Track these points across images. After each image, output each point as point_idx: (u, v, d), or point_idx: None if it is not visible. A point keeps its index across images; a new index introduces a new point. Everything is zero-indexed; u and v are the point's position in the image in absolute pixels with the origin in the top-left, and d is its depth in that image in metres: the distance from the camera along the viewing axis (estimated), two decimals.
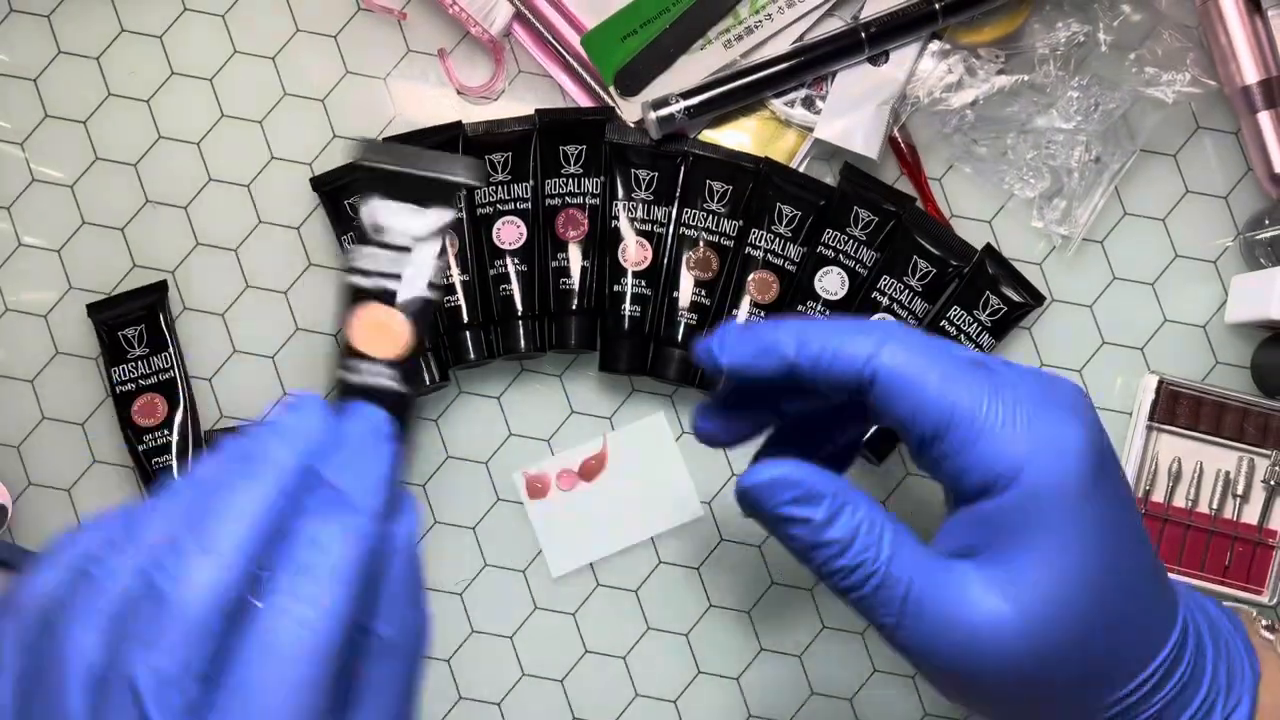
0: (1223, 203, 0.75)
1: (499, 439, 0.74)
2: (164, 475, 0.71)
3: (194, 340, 0.74)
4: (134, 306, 0.73)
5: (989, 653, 0.43)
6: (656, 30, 0.73)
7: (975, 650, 0.43)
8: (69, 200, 0.75)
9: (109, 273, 0.75)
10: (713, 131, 0.75)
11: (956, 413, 0.44)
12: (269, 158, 0.75)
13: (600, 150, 0.73)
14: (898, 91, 0.73)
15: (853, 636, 0.73)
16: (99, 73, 0.76)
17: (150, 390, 0.72)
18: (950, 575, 0.44)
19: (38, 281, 0.75)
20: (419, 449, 0.74)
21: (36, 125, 0.76)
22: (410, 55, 0.76)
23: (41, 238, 0.75)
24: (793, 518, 0.45)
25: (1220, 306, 0.74)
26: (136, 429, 0.72)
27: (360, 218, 0.44)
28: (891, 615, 0.44)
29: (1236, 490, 0.72)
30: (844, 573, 0.45)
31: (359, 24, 0.76)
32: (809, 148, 0.74)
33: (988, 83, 0.73)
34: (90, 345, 0.74)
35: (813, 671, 0.73)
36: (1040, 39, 0.73)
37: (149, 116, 0.76)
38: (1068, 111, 0.73)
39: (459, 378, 0.75)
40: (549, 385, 0.75)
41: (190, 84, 0.76)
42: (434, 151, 0.45)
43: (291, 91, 0.76)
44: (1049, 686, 0.43)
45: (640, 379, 0.74)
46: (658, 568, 0.74)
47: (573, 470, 0.74)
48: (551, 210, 0.73)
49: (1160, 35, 0.73)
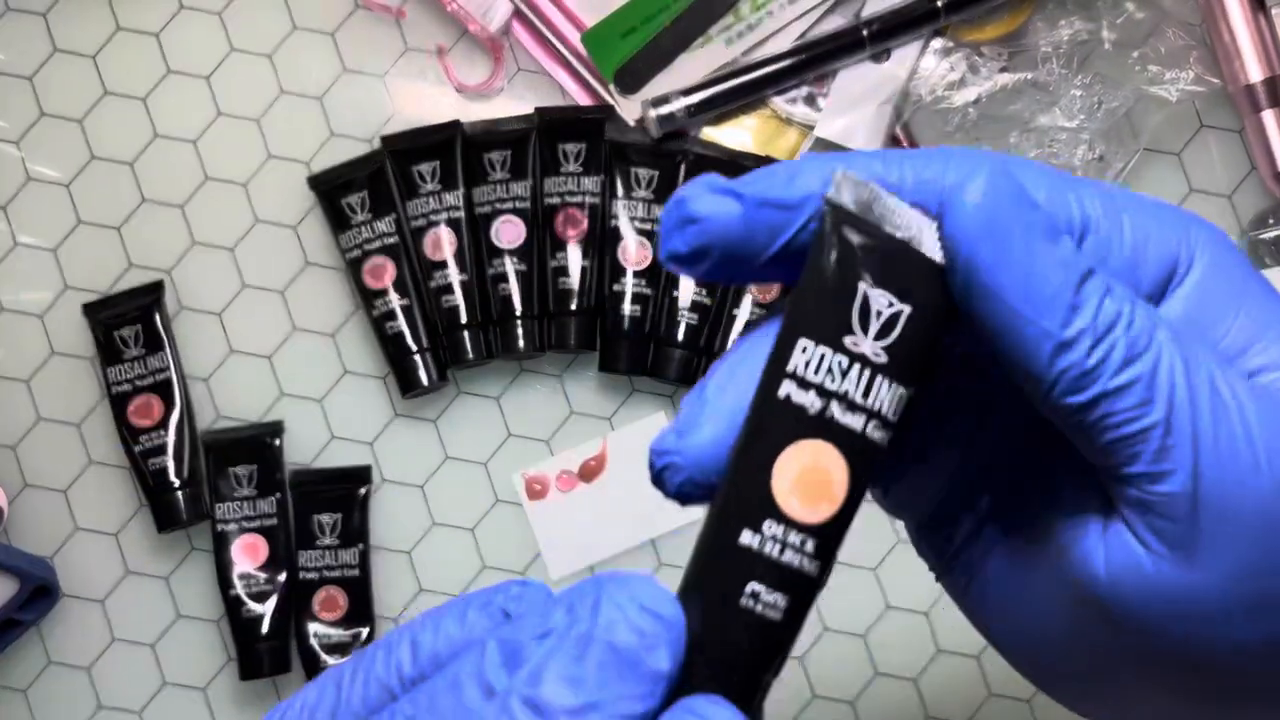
0: (1226, 202, 0.74)
1: (498, 440, 0.74)
2: (159, 476, 0.71)
3: (190, 340, 0.74)
4: (130, 306, 0.72)
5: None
6: (657, 27, 0.73)
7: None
8: (65, 199, 0.75)
9: (105, 272, 0.74)
10: (713, 130, 0.75)
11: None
12: (266, 156, 0.75)
13: (600, 149, 0.73)
14: (899, 89, 0.73)
15: (855, 639, 0.73)
16: (95, 71, 0.75)
17: (146, 391, 0.72)
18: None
19: (33, 281, 0.75)
20: (418, 449, 0.74)
21: (32, 124, 0.75)
22: (409, 53, 0.76)
23: (37, 237, 0.75)
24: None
25: None
26: (133, 430, 0.71)
27: (832, 297, 0.30)
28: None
29: None
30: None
31: (357, 21, 0.76)
32: (810, 146, 0.74)
33: (990, 81, 0.73)
34: (86, 345, 0.74)
35: (814, 673, 0.73)
36: (1043, 37, 0.73)
37: (145, 115, 0.75)
38: (1071, 110, 0.72)
39: (457, 378, 0.74)
40: (548, 385, 0.74)
41: (187, 82, 0.75)
42: (908, 208, 0.31)
43: (289, 90, 0.75)
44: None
45: (640, 379, 0.74)
46: (658, 569, 0.74)
47: (572, 471, 0.74)
48: (551, 209, 0.72)
49: (1164, 33, 0.73)
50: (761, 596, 0.30)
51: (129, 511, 0.74)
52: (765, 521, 0.29)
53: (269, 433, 0.72)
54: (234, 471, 0.71)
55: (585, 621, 0.28)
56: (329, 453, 0.74)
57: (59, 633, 0.73)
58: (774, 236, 0.31)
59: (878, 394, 0.30)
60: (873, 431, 0.30)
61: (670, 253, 0.31)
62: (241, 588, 0.71)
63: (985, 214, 0.30)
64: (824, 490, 0.30)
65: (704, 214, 0.31)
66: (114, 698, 0.73)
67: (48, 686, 0.73)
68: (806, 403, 0.30)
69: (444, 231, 0.72)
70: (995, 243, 0.30)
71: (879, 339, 0.30)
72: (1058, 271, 0.30)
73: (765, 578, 0.30)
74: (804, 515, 0.30)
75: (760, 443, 0.30)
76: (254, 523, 0.71)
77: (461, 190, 0.73)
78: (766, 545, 0.30)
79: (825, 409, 0.30)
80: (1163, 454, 0.29)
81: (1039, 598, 0.34)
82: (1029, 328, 0.29)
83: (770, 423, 0.30)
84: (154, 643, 0.73)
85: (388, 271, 0.72)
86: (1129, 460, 0.30)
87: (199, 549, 0.73)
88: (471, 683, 0.28)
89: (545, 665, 0.28)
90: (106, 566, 0.73)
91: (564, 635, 0.28)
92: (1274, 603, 0.30)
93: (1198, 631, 0.31)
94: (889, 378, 0.30)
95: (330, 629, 0.71)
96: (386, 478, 0.74)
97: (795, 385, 0.30)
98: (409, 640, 0.31)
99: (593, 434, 0.74)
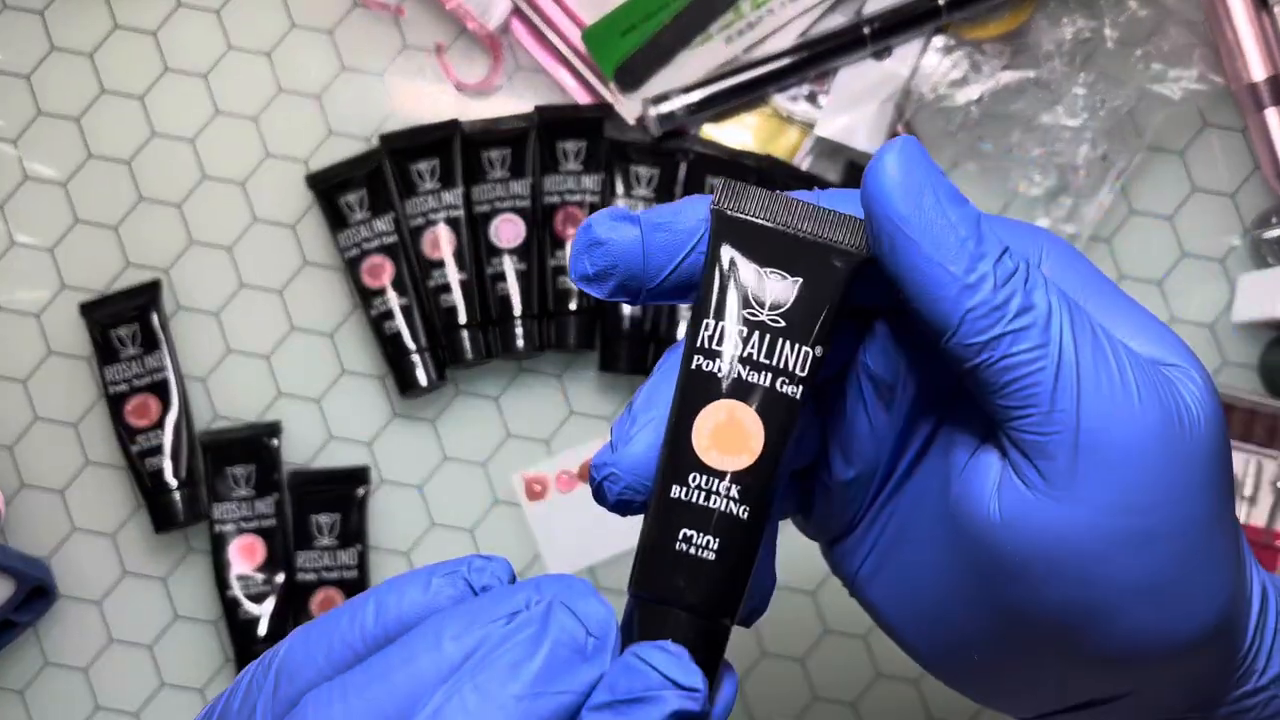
0: (1230, 200, 0.74)
1: (497, 440, 0.74)
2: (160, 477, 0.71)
3: (188, 340, 0.74)
4: (127, 306, 0.72)
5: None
6: (657, 25, 0.72)
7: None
8: (62, 198, 0.75)
9: (102, 271, 0.74)
10: (714, 128, 0.74)
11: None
12: (264, 155, 0.75)
13: (600, 147, 0.72)
14: (901, 88, 0.72)
15: (855, 640, 0.73)
16: (93, 69, 0.75)
17: (143, 391, 0.71)
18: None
19: (30, 280, 0.74)
20: (416, 449, 0.74)
21: (29, 122, 0.75)
22: (407, 51, 0.75)
23: (34, 236, 0.74)
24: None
25: (1227, 306, 0.73)
26: (130, 430, 0.71)
27: (725, 281, 0.35)
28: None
29: (1244, 492, 0.71)
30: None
31: (355, 19, 0.75)
32: (811, 144, 0.74)
33: (992, 79, 0.72)
34: (83, 345, 0.74)
35: (815, 674, 0.73)
36: (1046, 35, 0.72)
37: (143, 113, 0.75)
38: (1074, 108, 0.72)
39: (456, 378, 0.74)
40: (548, 385, 0.74)
41: (184, 81, 0.75)
42: (804, 202, 0.36)
43: (287, 88, 0.75)
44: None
45: (640, 379, 0.74)
46: None
47: (572, 471, 0.73)
48: (550, 208, 0.72)
49: (1167, 31, 0.73)
50: (694, 540, 0.33)
51: (126, 512, 0.73)
52: (690, 474, 0.34)
53: (267, 433, 0.72)
54: (232, 472, 0.71)
55: (537, 623, 0.31)
56: (327, 453, 0.74)
57: (56, 633, 0.73)
58: (669, 258, 0.36)
59: (781, 353, 0.34)
60: (782, 386, 0.34)
61: (579, 274, 0.36)
62: (239, 589, 0.70)
63: (902, 174, 0.33)
64: (742, 442, 0.34)
65: (606, 238, 0.35)
66: (111, 699, 0.73)
67: (45, 687, 0.73)
68: (714, 369, 0.34)
69: (443, 230, 0.72)
70: (910, 199, 0.33)
71: (775, 309, 0.34)
72: (964, 225, 0.33)
73: (695, 524, 0.33)
74: (725, 464, 0.34)
75: (681, 412, 0.34)
76: (252, 523, 0.71)
77: (460, 189, 0.72)
78: (693, 495, 0.33)
79: (731, 371, 0.34)
80: (1053, 395, 0.33)
81: (941, 576, 0.37)
82: (938, 271, 0.33)
83: (687, 391, 0.34)
84: (151, 644, 0.73)
85: (386, 271, 0.72)
86: (1023, 402, 0.33)
87: (196, 549, 0.73)
88: (427, 659, 0.31)
89: (497, 655, 0.31)
90: (104, 567, 0.73)
91: (517, 631, 0.31)
92: (1149, 538, 0.33)
93: (1082, 572, 0.33)
94: (789, 339, 0.34)
95: None
96: (385, 478, 0.74)
97: (703, 357, 0.34)
98: (374, 602, 0.33)
99: (593, 434, 0.74)
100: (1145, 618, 0.34)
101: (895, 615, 0.40)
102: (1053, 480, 0.33)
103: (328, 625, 0.33)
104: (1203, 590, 0.34)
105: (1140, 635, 0.34)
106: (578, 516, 0.73)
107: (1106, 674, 0.36)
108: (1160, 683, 0.36)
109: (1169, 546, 0.33)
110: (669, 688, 0.31)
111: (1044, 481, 0.33)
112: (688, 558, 0.33)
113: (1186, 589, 0.34)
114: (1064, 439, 0.33)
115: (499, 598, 0.32)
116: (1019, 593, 0.34)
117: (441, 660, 0.31)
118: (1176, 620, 0.34)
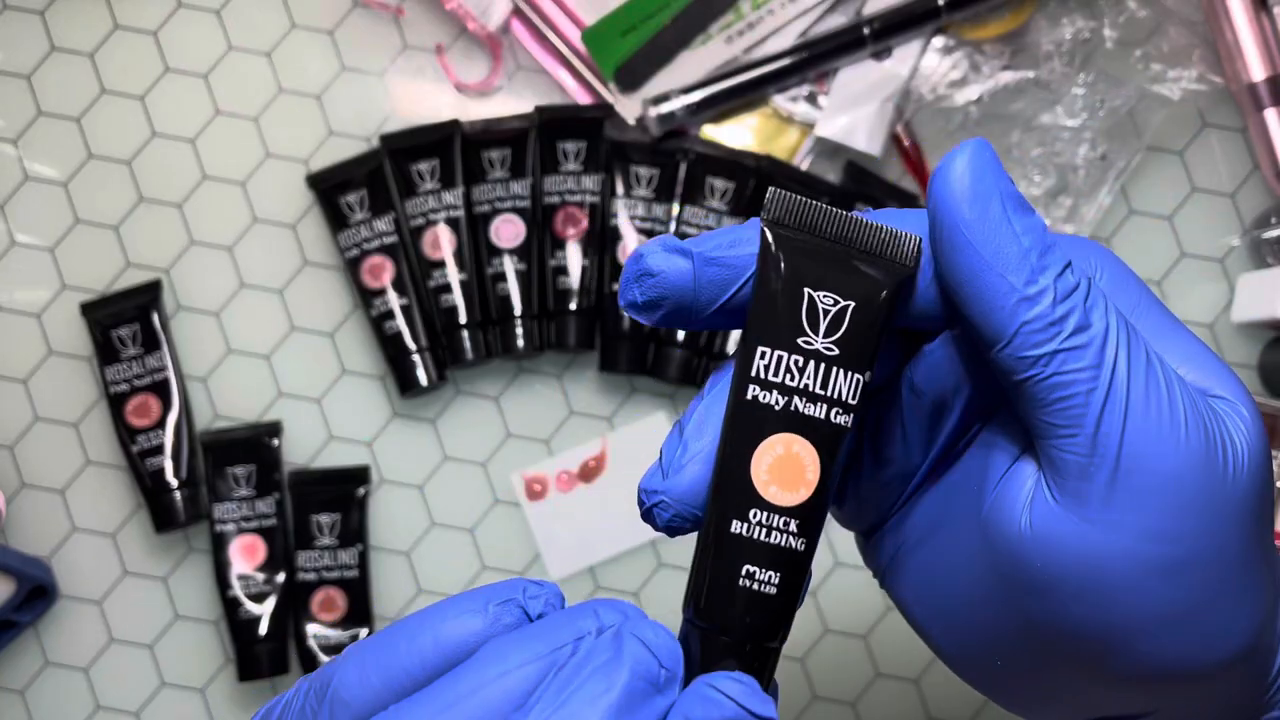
0: (1229, 200, 0.74)
1: (497, 440, 0.74)
2: (158, 477, 0.71)
3: (188, 340, 0.74)
4: (128, 306, 0.72)
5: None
6: (657, 26, 0.72)
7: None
8: (62, 198, 0.75)
9: (102, 271, 0.74)
10: (714, 128, 0.74)
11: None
12: (264, 155, 0.75)
13: (600, 147, 0.73)
14: (901, 88, 0.72)
15: (855, 640, 0.73)
16: (93, 70, 0.75)
17: (144, 390, 0.71)
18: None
19: (31, 280, 0.74)
20: (417, 449, 0.74)
21: (30, 123, 0.75)
22: (407, 51, 0.75)
23: (34, 236, 0.74)
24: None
25: (1227, 305, 0.73)
26: (130, 430, 0.71)
27: (778, 307, 0.34)
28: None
29: None
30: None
31: (355, 20, 0.75)
32: (811, 145, 0.74)
33: (992, 79, 0.72)
34: (83, 345, 0.74)
35: (815, 674, 0.73)
36: (1045, 35, 0.72)
37: (143, 114, 0.75)
38: (1073, 108, 0.72)
39: (456, 378, 0.74)
40: (547, 385, 0.74)
41: (185, 81, 0.75)
42: (855, 216, 0.35)
43: (287, 88, 0.75)
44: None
45: (640, 379, 0.74)
46: (658, 570, 0.73)
47: (572, 471, 0.73)
48: (550, 208, 0.72)
49: (1166, 31, 0.73)
50: (756, 576, 0.33)
51: (127, 512, 0.73)
52: (750, 510, 0.33)
53: (267, 432, 0.72)
54: (232, 471, 0.71)
55: (609, 652, 0.31)
56: (327, 453, 0.74)
57: (56, 633, 0.73)
58: (720, 291, 0.35)
59: (835, 383, 0.34)
60: (836, 417, 0.34)
61: (627, 301, 0.35)
62: (240, 588, 0.70)
63: (970, 179, 0.33)
64: (799, 475, 0.34)
65: (659, 269, 0.35)
66: (112, 698, 0.73)
67: (45, 687, 0.73)
68: (771, 400, 0.34)
69: (443, 230, 0.72)
70: (976, 205, 0.33)
71: (828, 335, 0.34)
72: (1029, 235, 0.33)
73: (758, 559, 0.33)
74: (784, 499, 0.34)
75: (736, 443, 0.34)
76: (252, 523, 0.71)
77: (460, 189, 0.72)
78: (755, 531, 0.33)
79: (789, 404, 0.34)
80: (1099, 418, 0.32)
81: (971, 573, 0.36)
82: (998, 280, 0.32)
83: (742, 424, 0.34)
84: (152, 643, 0.73)
85: (386, 271, 0.72)
86: (1068, 421, 0.32)
87: (197, 549, 0.73)
88: (497, 687, 0.31)
89: (576, 685, 0.31)
90: (104, 567, 0.73)
91: (590, 659, 0.32)
92: (1179, 568, 0.33)
93: (1109, 594, 0.33)
94: (843, 367, 0.34)
95: (329, 630, 0.71)
96: (385, 478, 0.74)
97: (759, 387, 0.34)
98: (430, 628, 0.33)
99: (592, 434, 0.74)
100: (1170, 643, 0.33)
101: (922, 612, 0.39)
102: (1088, 502, 0.33)
103: (383, 651, 0.33)
104: (1231, 619, 0.34)
105: (1164, 659, 0.34)
106: (578, 516, 0.73)
107: (1129, 692, 0.35)
108: (1184, 703, 0.36)
109: (1199, 577, 0.33)
110: (745, 717, 0.31)
111: (1078, 502, 0.33)
112: (750, 592, 0.33)
113: (1215, 618, 0.34)
114: (1104, 463, 0.32)
115: (559, 624, 0.32)
116: (1043, 606, 0.34)
117: (512, 687, 0.31)
118: (1203, 647, 0.34)
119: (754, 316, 0.34)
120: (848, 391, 0.34)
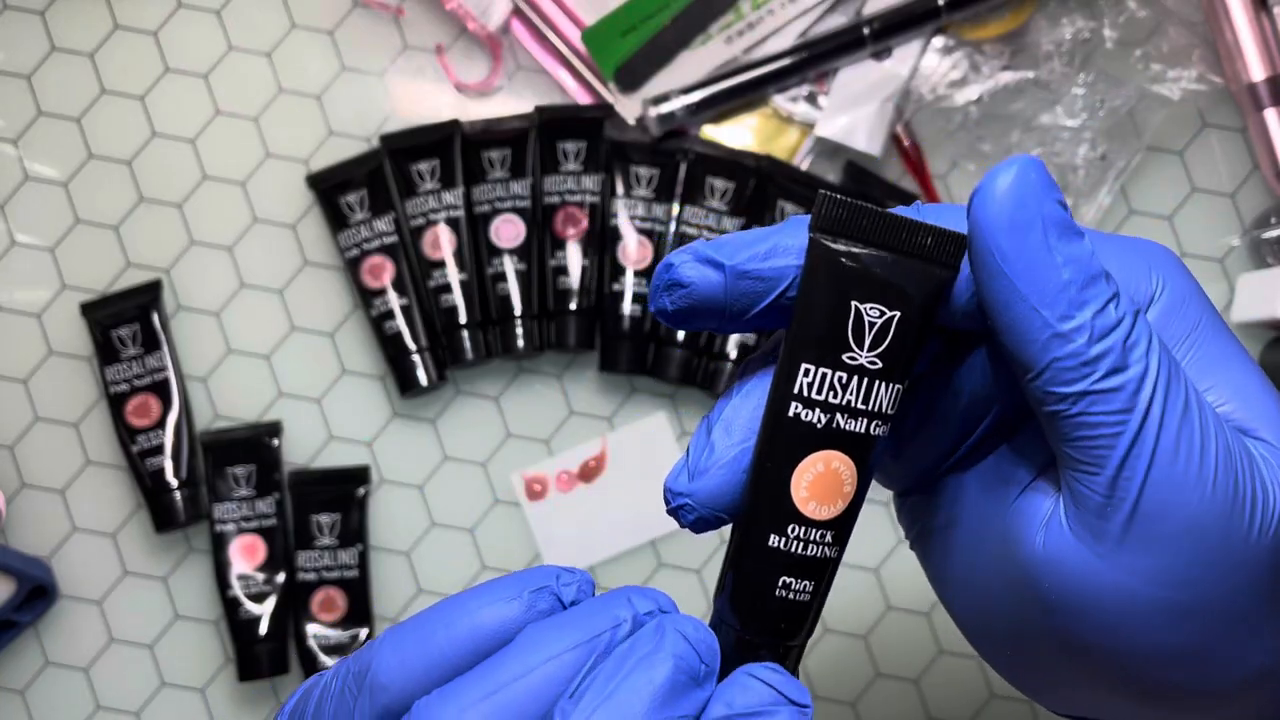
0: (1229, 200, 0.74)
1: (497, 440, 0.74)
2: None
3: (188, 340, 0.74)
4: (128, 306, 0.72)
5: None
6: (657, 26, 0.72)
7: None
8: (62, 198, 0.75)
9: (102, 271, 0.74)
10: (714, 128, 0.74)
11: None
12: (264, 155, 0.75)
13: (600, 147, 0.73)
14: (901, 88, 0.72)
15: (855, 639, 0.73)
16: (93, 70, 0.75)
17: (144, 390, 0.71)
18: None
19: (31, 280, 0.74)
20: (417, 449, 0.74)
21: (30, 123, 0.75)
22: (407, 51, 0.75)
23: (35, 236, 0.74)
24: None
25: (1227, 306, 0.73)
26: (130, 430, 0.71)
27: (824, 322, 0.33)
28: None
29: None
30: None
31: (356, 20, 0.75)
32: (811, 145, 0.74)
33: (992, 79, 0.72)
34: (84, 345, 0.74)
35: (815, 674, 0.73)
36: (1045, 35, 0.72)
37: (143, 114, 0.75)
38: (1073, 108, 0.72)
39: (456, 378, 0.74)
40: (547, 385, 0.74)
41: (185, 81, 0.75)
42: (907, 219, 0.33)
43: (287, 88, 0.75)
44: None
45: (640, 379, 0.74)
46: (658, 570, 0.73)
47: (572, 471, 0.73)
48: (550, 208, 0.72)
49: (1166, 31, 0.73)
50: (792, 586, 0.34)
51: (127, 512, 0.73)
52: (789, 525, 0.33)
53: (267, 432, 0.72)
54: (232, 471, 0.71)
55: (652, 644, 0.32)
56: (327, 453, 0.74)
57: (56, 633, 0.73)
58: (754, 303, 0.34)
59: (877, 397, 0.33)
60: (875, 429, 0.33)
61: (658, 308, 0.35)
62: (240, 588, 0.70)
63: (1012, 202, 0.31)
64: (837, 489, 0.33)
65: (689, 280, 0.34)
66: (112, 698, 0.73)
67: (45, 687, 0.73)
68: (814, 419, 0.33)
69: (443, 230, 0.72)
70: (1015, 231, 0.31)
71: (873, 349, 0.33)
72: (1071, 267, 0.31)
73: (794, 572, 0.34)
74: (822, 514, 0.33)
75: (776, 459, 0.33)
76: (252, 523, 0.71)
77: (460, 189, 0.72)
78: (792, 545, 0.33)
79: (831, 421, 0.33)
80: (1122, 463, 0.31)
81: (988, 570, 0.36)
82: (1032, 314, 0.31)
83: (783, 440, 0.33)
84: (152, 643, 0.73)
85: (386, 271, 0.72)
86: (1091, 459, 0.32)
87: (197, 549, 0.73)
88: (541, 673, 0.32)
89: (622, 674, 0.32)
90: (104, 567, 0.73)
91: (634, 650, 0.32)
92: (1188, 613, 0.32)
93: (1119, 627, 0.33)
94: (885, 380, 0.33)
95: (329, 630, 0.71)
96: (385, 478, 0.74)
97: (802, 405, 0.33)
98: (467, 615, 0.33)
99: (592, 434, 0.74)
100: (1177, 674, 0.33)
101: (945, 590, 0.39)
102: (1102, 539, 0.32)
103: (420, 636, 0.33)
104: (1242, 655, 0.33)
105: (1172, 686, 0.33)
106: (578, 516, 0.73)
107: (1138, 705, 0.35)
108: (1208, 715, 0.35)
109: (1208, 622, 0.32)
110: (784, 704, 0.32)
111: (1093, 537, 0.32)
112: (787, 602, 0.34)
113: (1224, 655, 0.33)
114: (1122, 505, 0.32)
115: (595, 611, 0.33)
116: (1051, 622, 0.34)
117: (553, 674, 0.32)
118: (1212, 679, 0.33)
119: (798, 331, 0.33)
120: (888, 403, 0.33)
